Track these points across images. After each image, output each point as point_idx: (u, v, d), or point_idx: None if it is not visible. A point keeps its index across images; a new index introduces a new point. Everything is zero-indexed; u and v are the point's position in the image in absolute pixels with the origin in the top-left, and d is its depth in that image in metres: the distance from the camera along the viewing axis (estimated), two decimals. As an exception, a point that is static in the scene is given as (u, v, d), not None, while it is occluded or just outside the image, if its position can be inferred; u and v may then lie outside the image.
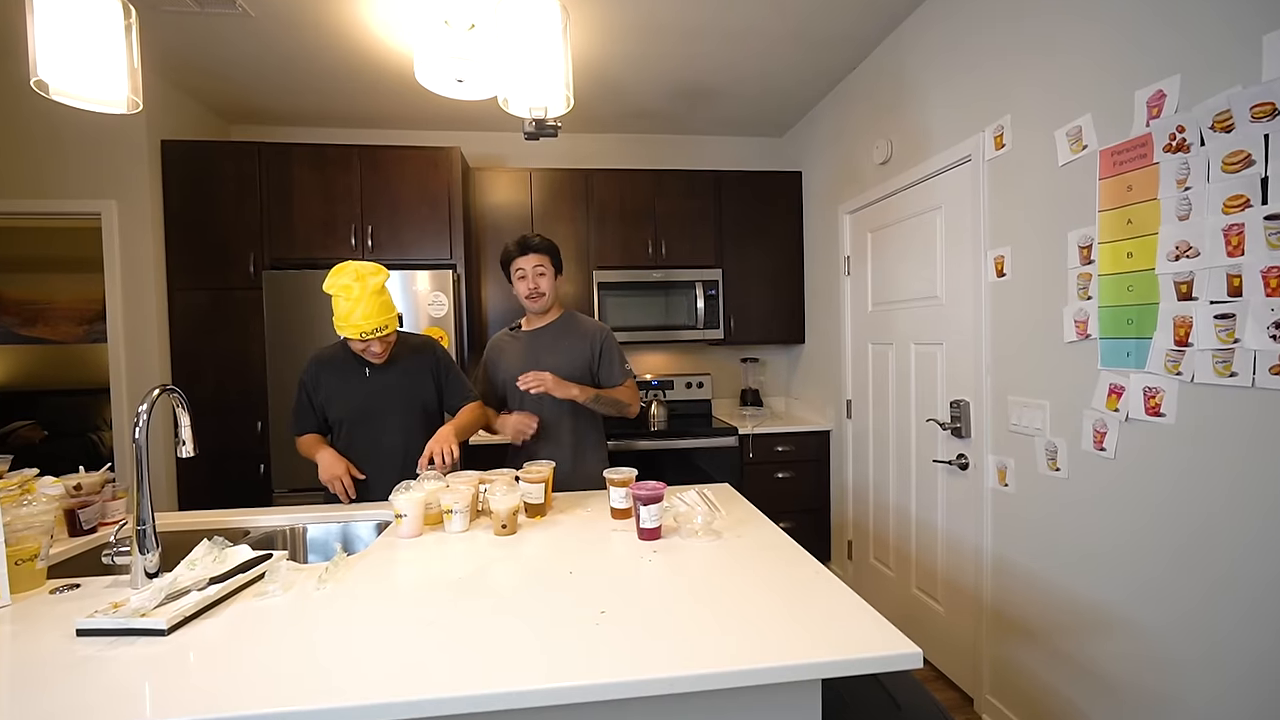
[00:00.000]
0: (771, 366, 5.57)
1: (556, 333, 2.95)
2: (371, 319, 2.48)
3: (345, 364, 2.74)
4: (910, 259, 3.59)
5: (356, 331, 2.48)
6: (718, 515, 2.20)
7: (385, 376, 2.74)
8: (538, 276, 2.86)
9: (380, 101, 4.56)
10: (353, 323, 2.46)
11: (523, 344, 2.96)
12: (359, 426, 2.72)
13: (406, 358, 2.80)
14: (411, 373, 2.79)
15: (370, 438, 2.72)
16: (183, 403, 1.86)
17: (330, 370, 2.75)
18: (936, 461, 3.34)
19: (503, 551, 1.96)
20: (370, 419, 2.72)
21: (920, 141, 3.46)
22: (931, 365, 3.41)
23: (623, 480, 2.24)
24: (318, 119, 4.89)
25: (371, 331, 2.50)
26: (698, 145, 5.48)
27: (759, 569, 1.75)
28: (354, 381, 2.73)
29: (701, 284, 4.81)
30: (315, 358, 2.79)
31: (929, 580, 3.49)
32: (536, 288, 2.86)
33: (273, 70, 4.06)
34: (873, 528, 4.09)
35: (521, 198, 4.74)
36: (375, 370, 2.73)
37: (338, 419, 2.74)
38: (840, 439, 4.51)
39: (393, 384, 2.75)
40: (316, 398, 2.75)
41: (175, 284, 4.20)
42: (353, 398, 2.72)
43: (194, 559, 1.77)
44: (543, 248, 2.88)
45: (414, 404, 2.78)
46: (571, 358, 2.89)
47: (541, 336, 2.95)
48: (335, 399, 2.72)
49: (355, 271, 2.47)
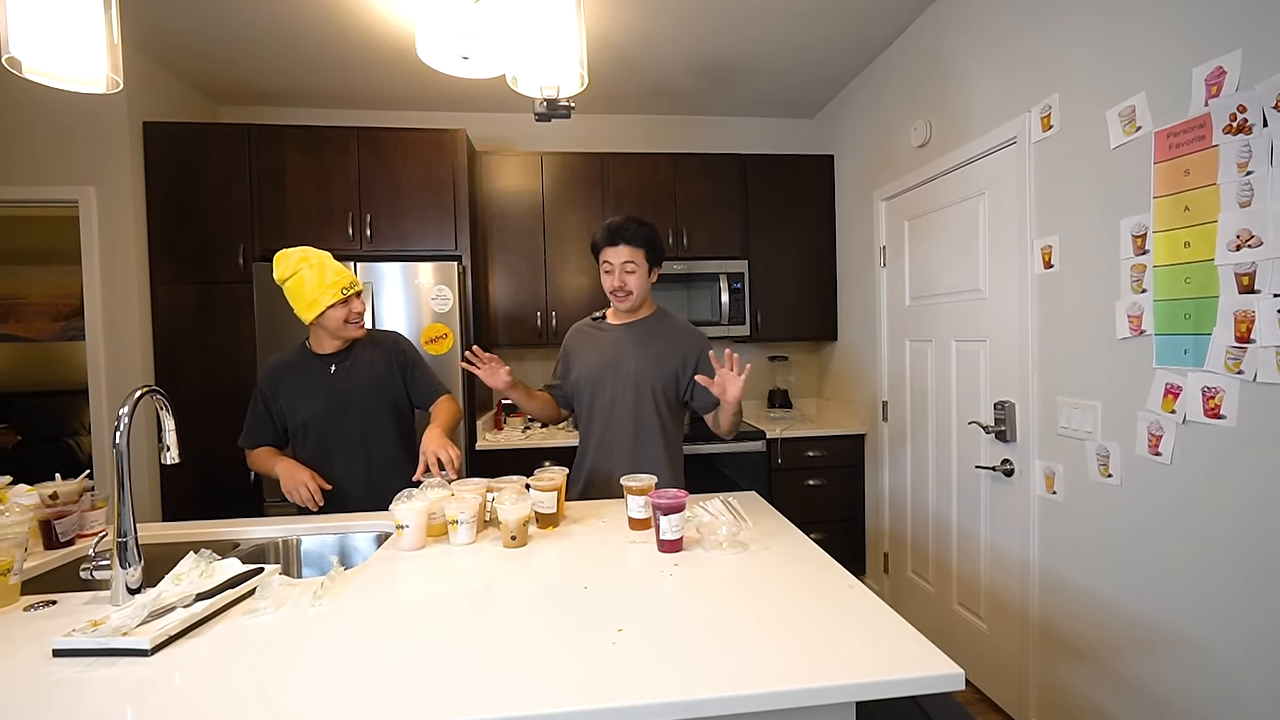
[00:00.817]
0: (801, 366, 5.60)
1: (647, 331, 2.79)
2: (344, 274, 2.61)
3: (306, 363, 2.77)
4: (951, 249, 3.61)
5: (336, 290, 2.58)
6: (744, 525, 2.21)
7: (351, 372, 2.77)
8: (626, 274, 2.68)
9: (379, 80, 4.62)
10: (328, 283, 2.58)
11: (607, 337, 2.82)
12: (327, 428, 2.74)
13: (370, 351, 2.83)
14: (378, 367, 2.81)
15: (339, 439, 2.74)
16: (167, 405, 1.86)
17: (291, 372, 2.77)
18: (979, 467, 3.36)
19: (512, 565, 1.96)
20: (339, 419, 2.74)
21: (961, 122, 3.48)
22: (974, 364, 3.44)
23: (641, 488, 2.23)
24: (312, 99, 4.95)
25: (351, 284, 2.62)
26: (722, 127, 5.51)
27: (788, 583, 1.75)
28: (319, 380, 2.75)
29: (726, 276, 4.84)
30: (272, 364, 2.81)
31: (971, 595, 3.51)
32: (623, 286, 2.69)
33: (264, 46, 4.12)
34: (911, 539, 4.12)
35: (532, 183, 4.79)
36: (341, 366, 2.76)
37: (302, 424, 2.74)
38: (875, 443, 4.53)
39: (360, 379, 2.77)
40: (276, 404, 2.76)
41: (158, 277, 4.23)
42: (318, 397, 2.73)
43: (179, 573, 1.76)
44: (636, 239, 2.66)
45: (384, 400, 2.81)
46: (660, 364, 2.72)
47: (630, 333, 2.79)
48: (299, 401, 2.73)
49: (300, 249, 2.61)
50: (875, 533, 4.59)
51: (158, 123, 4.23)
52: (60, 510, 2.23)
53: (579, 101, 4.83)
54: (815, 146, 5.41)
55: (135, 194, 4.14)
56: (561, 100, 2.51)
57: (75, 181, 4.05)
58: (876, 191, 4.36)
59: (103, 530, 2.31)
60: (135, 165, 4.15)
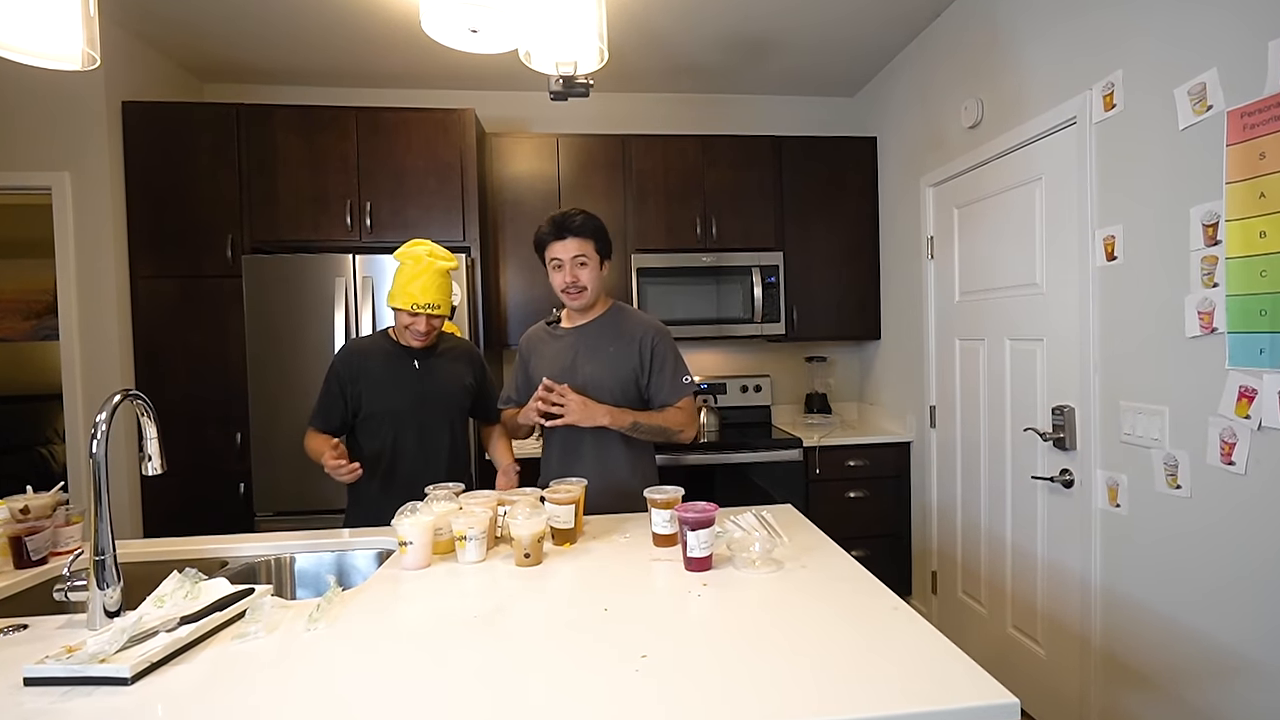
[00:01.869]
0: (841, 367, 5.65)
1: (600, 332, 2.84)
2: (429, 292, 2.76)
3: (391, 354, 2.93)
4: (1004, 240, 3.66)
5: (409, 301, 2.74)
6: (778, 542, 2.22)
7: (436, 370, 2.96)
8: (577, 267, 2.72)
9: (380, 55, 4.68)
10: (409, 291, 2.74)
11: (561, 344, 2.87)
12: (406, 422, 2.89)
13: (453, 355, 3.04)
14: (463, 375, 3.03)
15: (417, 436, 2.91)
16: (148, 411, 1.86)
17: (373, 359, 2.92)
18: (1036, 478, 3.40)
19: (525, 585, 1.97)
20: (419, 414, 2.90)
21: (1016, 101, 3.53)
22: (1030, 365, 3.48)
23: (667, 501, 2.24)
24: (307, 76, 5.01)
25: (424, 305, 2.76)
26: (754, 106, 5.57)
27: (827, 605, 1.75)
28: (404, 372, 2.91)
29: (759, 270, 4.88)
30: (352, 346, 2.98)
31: (1027, 618, 3.55)
32: (575, 281, 2.73)
33: (254, 18, 4.15)
34: (961, 556, 4.16)
35: (547, 168, 4.85)
36: (425, 362, 2.94)
37: (379, 413, 2.88)
38: (922, 452, 4.57)
39: (443, 379, 2.96)
40: (352, 388, 2.88)
41: (139, 271, 4.26)
42: (403, 389, 2.89)
43: (162, 595, 1.76)
44: (585, 230, 2.72)
45: (459, 404, 3.03)
46: (615, 366, 2.77)
47: (583, 336, 2.84)
48: (380, 391, 2.88)
49: (429, 248, 2.81)
50: (922, 550, 4.63)
51: (138, 102, 4.26)
52: (32, 526, 2.22)
53: (598, 79, 4.87)
54: (856, 128, 5.45)
55: (113, 180, 4.16)
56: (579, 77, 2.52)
57: (48, 167, 4.06)
58: (923, 177, 4.41)
59: (78, 548, 2.26)
60: (113, 149, 4.17)
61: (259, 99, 4.96)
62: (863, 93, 5.42)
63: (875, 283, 5.14)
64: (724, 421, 5.15)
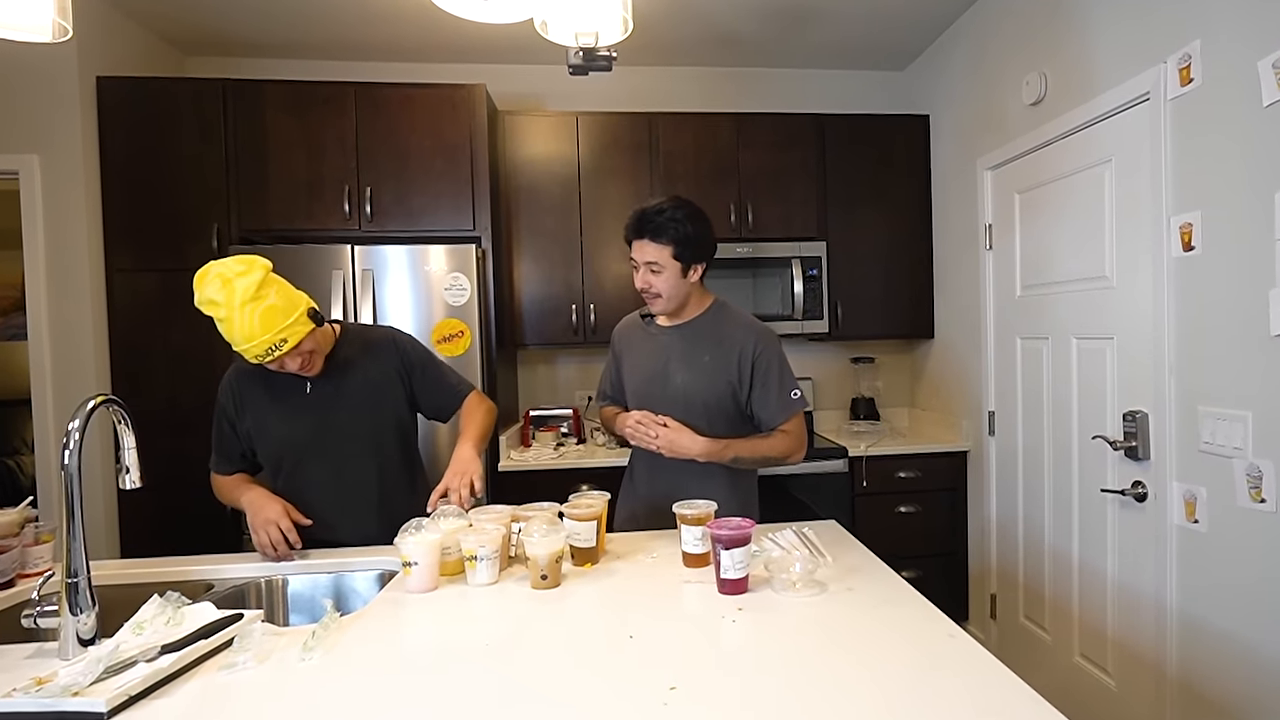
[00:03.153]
0: (891, 368, 5.67)
1: (697, 336, 2.77)
2: (255, 335, 2.30)
3: (278, 376, 2.59)
4: (1070, 228, 3.68)
5: (250, 356, 2.35)
6: (821, 562, 2.24)
7: (335, 387, 2.65)
8: (650, 274, 2.64)
9: (381, 25, 4.70)
10: (240, 346, 2.33)
11: (654, 344, 2.82)
12: (308, 460, 2.64)
13: (361, 358, 2.72)
14: (372, 379, 2.71)
15: (326, 474, 2.65)
16: (126, 418, 1.85)
17: (257, 384, 2.65)
18: (1105, 491, 3.42)
19: (542, 609, 1.97)
20: (322, 448, 2.64)
21: (1083, 75, 3.55)
22: (1099, 366, 3.50)
23: (698, 517, 2.24)
24: (300, 48, 5.05)
25: (264, 353, 2.34)
26: (794, 81, 5.60)
27: (875, 632, 1.75)
28: (292, 400, 2.63)
29: (800, 261, 4.91)
30: (236, 371, 2.68)
31: (1096, 645, 3.58)
32: (649, 287, 2.66)
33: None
34: (1023, 577, 4.18)
35: (565, 150, 4.91)
36: (319, 381, 2.64)
37: (276, 449, 2.65)
38: (980, 462, 4.60)
39: (347, 396, 2.66)
40: (241, 424, 2.65)
41: (116, 263, 4.27)
42: (293, 423, 2.63)
43: (141, 621, 1.75)
44: (663, 233, 2.59)
45: (382, 420, 2.72)
46: (710, 377, 2.70)
47: (678, 338, 2.79)
48: (267, 426, 2.64)
49: (219, 276, 2.32)
50: (980, 570, 4.65)
51: (114, 78, 4.26)
52: (-3, 545, 2.20)
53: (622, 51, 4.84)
54: (907, 105, 5.47)
55: (87, 164, 4.16)
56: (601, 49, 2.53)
57: (14, 149, 4.05)
58: (981, 159, 4.44)
59: (49, 569, 2.26)
60: (87, 129, 4.17)
61: (247, 74, 4.79)
62: (914, 66, 5.44)
63: (928, 276, 5.17)
64: (760, 429, 5.13)
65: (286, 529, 2.43)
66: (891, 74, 5.63)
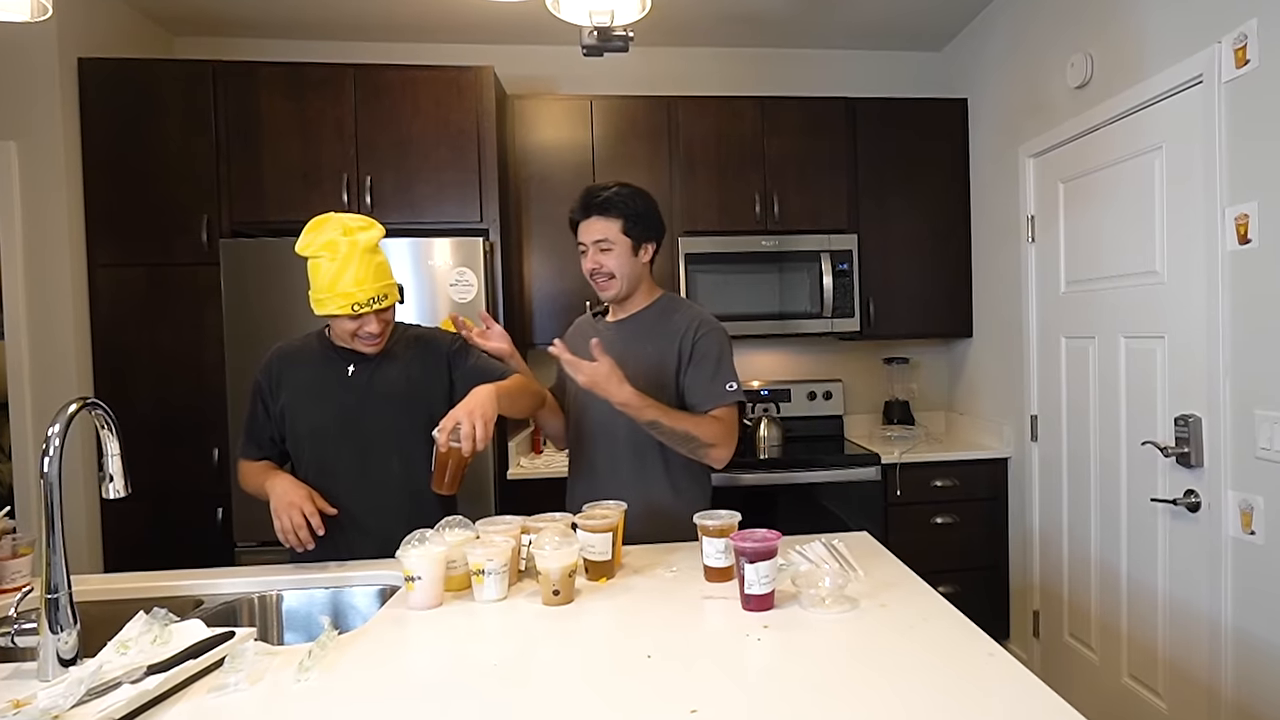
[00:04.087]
0: (927, 369, 5.70)
1: (640, 329, 2.85)
2: (366, 284, 2.46)
3: (321, 357, 2.72)
4: (1118, 220, 3.70)
5: (347, 302, 2.44)
6: (852, 576, 2.23)
7: (378, 375, 2.70)
8: (600, 252, 2.72)
9: (382, 2, 4.72)
10: (341, 290, 2.43)
11: (603, 338, 2.75)
12: (337, 446, 2.68)
13: (408, 352, 2.77)
14: (414, 376, 2.74)
15: (354, 464, 2.68)
16: (110, 422, 1.84)
17: (299, 366, 2.74)
18: (1155, 500, 3.44)
19: (554, 627, 1.97)
20: (353, 436, 2.68)
21: (1131, 57, 3.57)
22: (1148, 367, 3.52)
23: (720, 528, 2.23)
24: (295, 28, 5.08)
25: (366, 302, 2.46)
26: (823, 63, 5.62)
27: (910, 651, 1.74)
28: (331, 381, 2.69)
29: (829, 255, 4.93)
30: (279, 350, 2.79)
31: (1146, 665, 3.59)
32: (599, 267, 2.73)
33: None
34: (1068, 593, 4.20)
35: (579, 136, 4.94)
36: (363, 366, 2.70)
37: (305, 433, 2.70)
38: (1022, 469, 4.63)
39: (388, 386, 2.70)
40: (276, 404, 2.72)
41: (98, 258, 4.28)
42: (328, 404, 2.68)
43: (126, 640, 1.75)
44: (610, 207, 2.70)
45: (417, 416, 2.69)
46: (652, 370, 2.74)
47: (623, 333, 2.85)
48: (304, 405, 2.69)
49: (341, 224, 2.48)
50: (1022, 585, 4.67)
51: (97, 59, 4.27)
52: (-28, 559, 2.18)
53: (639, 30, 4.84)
54: (943, 88, 5.48)
55: (68, 151, 4.16)
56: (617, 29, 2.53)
57: None
58: (1023, 146, 4.46)
59: (27, 584, 2.26)
60: (68, 115, 4.17)
61: (239, 55, 4.86)
62: (951, 46, 5.46)
63: (966, 271, 5.19)
64: (788, 435, 5.17)
65: (310, 513, 2.46)
66: (927, 54, 5.64)
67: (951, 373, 5.62)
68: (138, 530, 4.27)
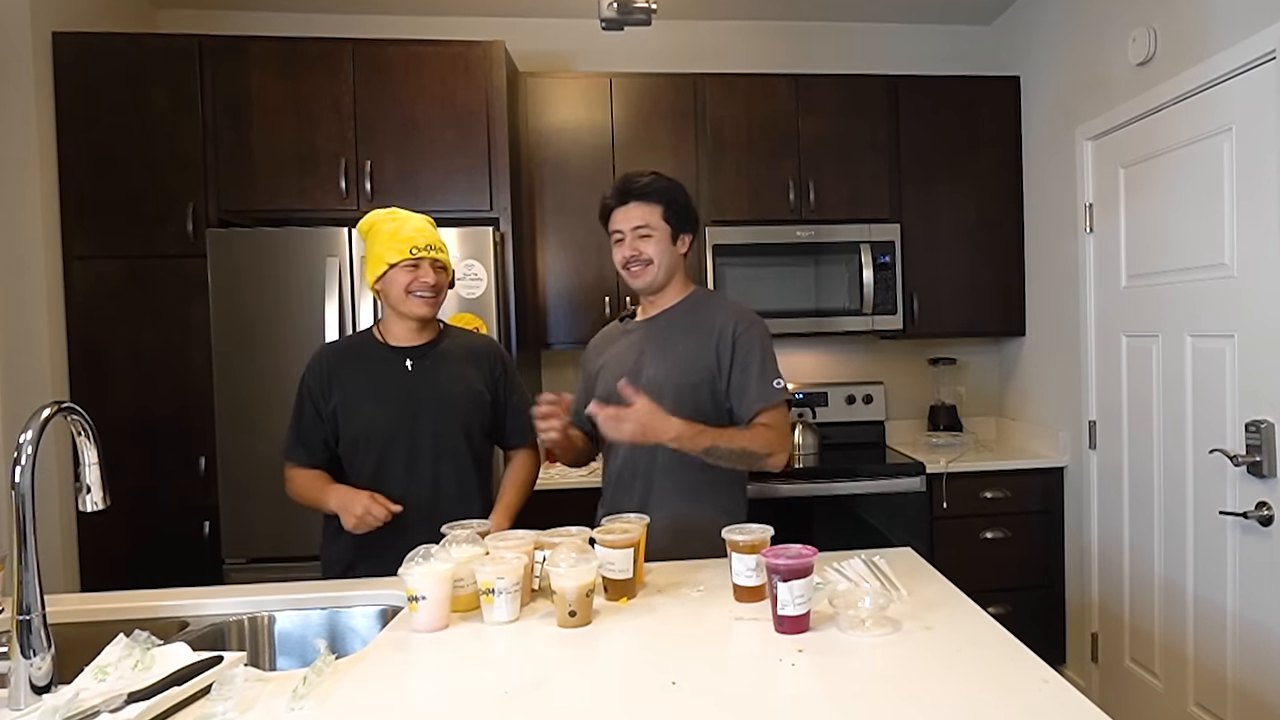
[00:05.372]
0: (976, 371, 5.72)
1: (672, 325, 2.90)
2: (425, 233, 2.84)
3: (373, 354, 2.91)
4: (1184, 208, 3.71)
5: (406, 246, 2.77)
6: (895, 596, 2.23)
7: (435, 374, 2.91)
8: (639, 239, 2.80)
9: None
10: (403, 236, 2.79)
11: (628, 340, 2.96)
12: (393, 444, 2.85)
13: (462, 354, 2.98)
14: (470, 378, 2.96)
15: (407, 462, 2.85)
16: (87, 429, 1.84)
17: (350, 363, 2.91)
18: (1225, 514, 3.46)
19: (571, 652, 1.97)
20: (409, 434, 2.85)
21: (1198, 31, 3.59)
22: (1217, 368, 3.54)
23: (752, 544, 2.23)
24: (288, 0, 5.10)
25: (425, 247, 2.80)
26: (862, 37, 5.64)
27: (957, 678, 1.74)
28: (389, 377, 2.89)
29: (870, 247, 4.95)
30: (326, 350, 2.98)
31: (1214, 692, 3.61)
32: (637, 254, 2.80)
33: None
34: (1129, 613, 4.21)
35: (597, 117, 4.97)
36: (420, 364, 2.90)
37: (361, 434, 2.85)
38: (1080, 480, 4.64)
39: (445, 386, 2.91)
40: (328, 405, 2.86)
41: (75, 249, 4.28)
42: (389, 398, 2.86)
43: (105, 665, 1.75)
44: (650, 193, 2.81)
45: (466, 420, 2.94)
46: (684, 366, 2.79)
47: (652, 331, 2.92)
48: (360, 403, 2.84)
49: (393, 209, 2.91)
50: (1079, 605, 4.69)
51: (73, 34, 4.25)
52: (-64, 577, 2.19)
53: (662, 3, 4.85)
54: (993, 65, 5.49)
55: (41, 134, 4.14)
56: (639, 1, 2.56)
57: None
58: (1080, 128, 4.47)
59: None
60: (41, 93, 4.15)
61: (228, 29, 4.87)
62: (1001, 20, 5.48)
63: (1018, 263, 5.21)
64: (824, 441, 5.20)
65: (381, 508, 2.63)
66: (976, 29, 5.65)
67: (1002, 374, 5.64)
68: (117, 546, 4.27)
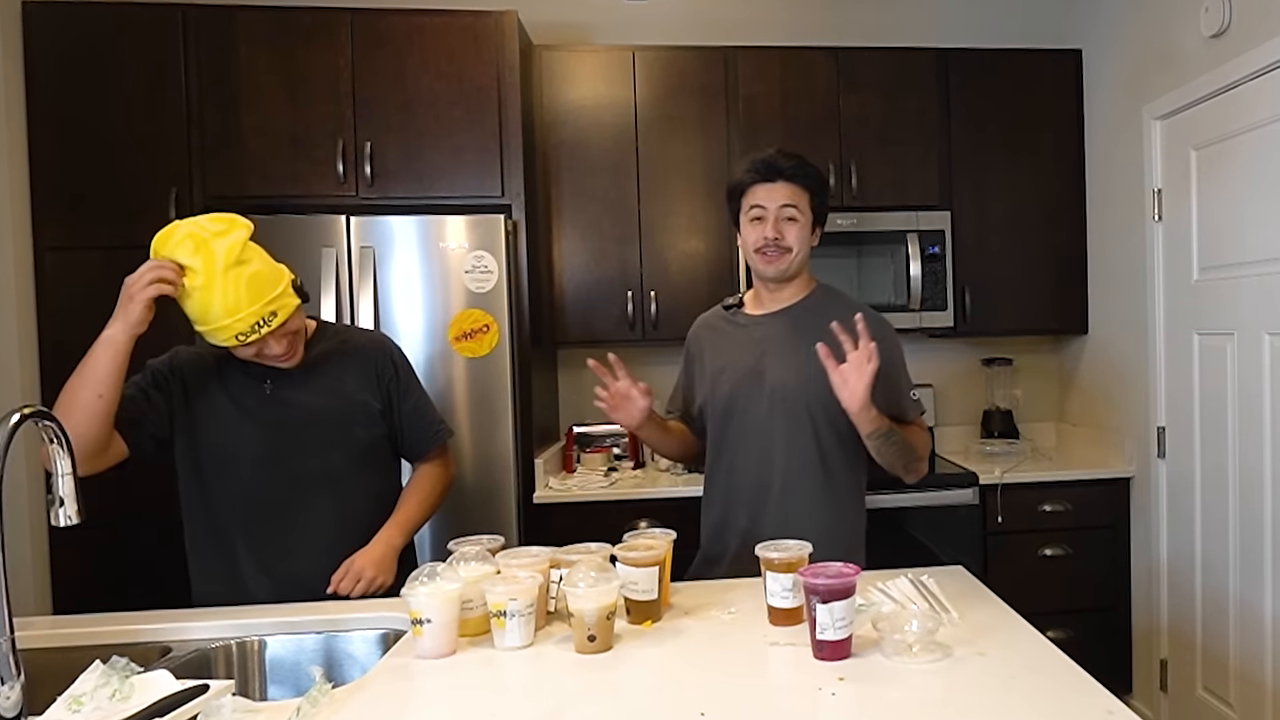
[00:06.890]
0: (1033, 372, 5.74)
1: (801, 322, 2.87)
2: (242, 307, 2.41)
3: (231, 373, 2.72)
4: (1262, 193, 3.75)
5: (230, 335, 2.44)
6: (945, 618, 2.22)
7: (302, 391, 2.74)
8: (784, 222, 2.79)
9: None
10: (214, 321, 2.43)
11: (746, 336, 2.95)
12: (258, 475, 2.71)
13: (338, 362, 2.83)
14: (345, 386, 2.81)
15: (272, 499, 2.73)
16: (60, 436, 1.84)
17: (208, 371, 2.74)
18: (1307, 527, 3.51)
19: (590, 680, 1.97)
20: (275, 464, 2.72)
21: (1277, 1, 3.63)
22: (1299, 368, 3.59)
23: (788, 562, 2.23)
24: (281, -37, 5.17)
25: (250, 329, 2.44)
26: (911, 6, 5.67)
27: (1014, 708, 1.74)
28: (247, 400, 2.72)
29: (917, 236, 4.99)
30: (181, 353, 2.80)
31: (1294, 723, 3.66)
32: (779, 238, 2.78)
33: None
34: (1202, 639, 4.25)
35: (619, 94, 5.01)
36: (282, 382, 2.73)
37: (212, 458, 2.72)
38: (1147, 492, 4.69)
39: (316, 406, 2.76)
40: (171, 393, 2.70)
41: (46, 238, 4.30)
42: (242, 428, 2.71)
43: (80, 694, 1.73)
44: (800, 176, 2.82)
45: (351, 441, 2.81)
46: (816, 371, 2.64)
47: (776, 327, 2.91)
48: (213, 420, 2.71)
49: (191, 237, 2.45)
50: (1147, 629, 4.72)
51: (45, 2, 4.27)
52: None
53: None
54: (1052, 37, 5.49)
55: (10, 112, 4.17)
56: None
57: None
58: (1148, 106, 4.50)
59: None
60: (10, 67, 4.18)
61: None
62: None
63: (1080, 255, 5.24)
64: (867, 450, 5.20)
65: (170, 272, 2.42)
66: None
67: (1062, 377, 5.67)
68: (93, 564, 4.28)
